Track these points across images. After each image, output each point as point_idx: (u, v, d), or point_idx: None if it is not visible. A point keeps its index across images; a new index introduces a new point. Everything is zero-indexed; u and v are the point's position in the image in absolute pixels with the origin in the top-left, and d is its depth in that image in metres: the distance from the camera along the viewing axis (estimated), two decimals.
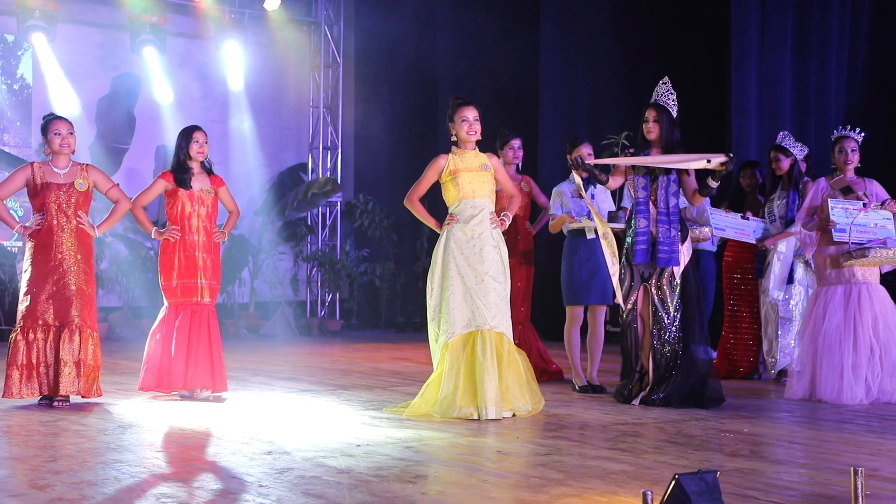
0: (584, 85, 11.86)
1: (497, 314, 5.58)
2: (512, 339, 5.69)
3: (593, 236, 6.74)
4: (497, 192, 6.42)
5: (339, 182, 13.71)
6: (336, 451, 4.44)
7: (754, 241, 7.46)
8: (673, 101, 6.17)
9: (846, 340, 6.20)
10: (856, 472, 3.46)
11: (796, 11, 10.64)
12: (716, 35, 10.89)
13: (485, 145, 5.96)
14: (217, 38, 12.93)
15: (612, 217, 6.69)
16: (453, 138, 5.77)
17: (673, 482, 3.24)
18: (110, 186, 6.27)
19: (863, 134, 6.53)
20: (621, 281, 6.10)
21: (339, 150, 14.09)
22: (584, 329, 6.95)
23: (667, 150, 6.11)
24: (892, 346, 6.20)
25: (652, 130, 6.16)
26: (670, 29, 11.63)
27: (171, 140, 12.23)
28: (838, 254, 6.25)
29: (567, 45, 11.83)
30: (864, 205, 6.24)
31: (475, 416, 5.40)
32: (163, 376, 6.23)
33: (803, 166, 7.69)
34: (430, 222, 5.90)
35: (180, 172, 6.40)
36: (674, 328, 6.01)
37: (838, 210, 6.19)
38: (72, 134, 6.12)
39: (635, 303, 6.08)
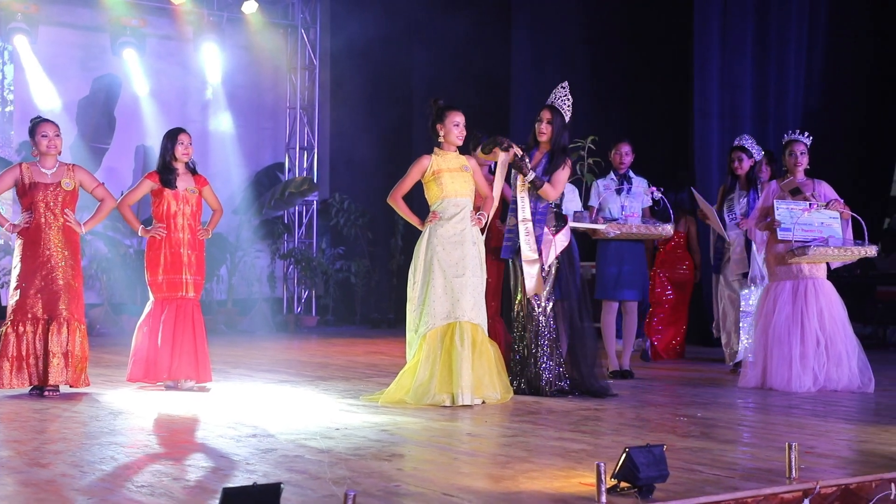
0: (553, 86, 12.19)
1: (474, 306, 5.94)
2: (486, 331, 6.05)
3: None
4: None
5: (315, 181, 14.00)
6: (316, 434, 4.77)
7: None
8: (568, 106, 6.34)
9: (794, 332, 6.60)
10: (790, 447, 3.84)
11: (756, 19, 11.04)
12: (679, 41, 11.27)
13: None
14: (196, 41, 13.19)
15: (577, 217, 7.04)
16: (440, 139, 6.10)
17: (624, 455, 3.60)
18: (96, 185, 6.56)
19: (811, 138, 6.92)
20: (509, 273, 6.43)
21: (316, 150, 14.38)
22: None
23: (553, 153, 6.31)
24: (836, 338, 6.61)
25: (544, 132, 6.34)
26: (636, 35, 12.01)
27: (150, 140, 12.55)
28: (785, 251, 6.65)
29: (538, 49, 12.19)
30: (810, 205, 6.65)
31: (447, 403, 5.75)
32: (149, 367, 6.53)
33: (767, 170, 8.07)
34: (412, 219, 6.20)
35: (166, 173, 6.69)
36: (543, 318, 6.20)
37: (783, 210, 6.61)
38: (58, 136, 6.40)
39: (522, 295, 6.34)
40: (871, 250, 6.69)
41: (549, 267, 6.26)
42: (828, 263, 6.81)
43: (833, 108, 11.59)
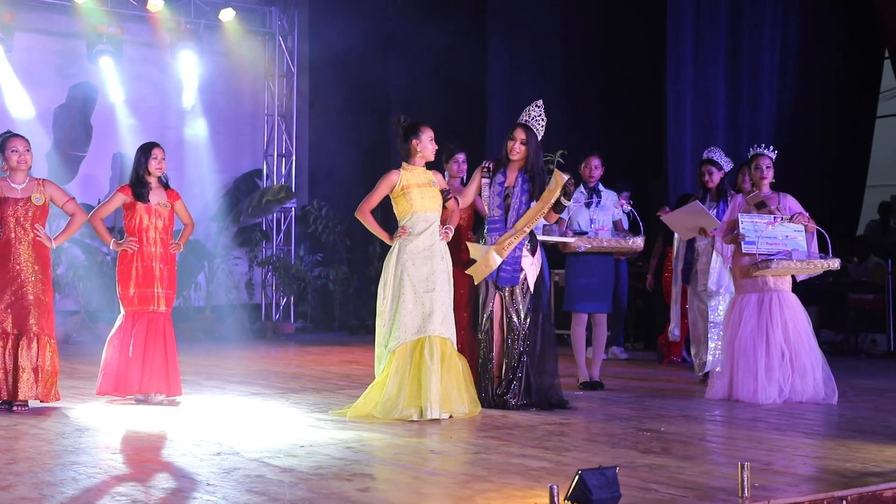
0: (530, 98, 12.23)
1: (444, 321, 5.98)
2: (455, 344, 6.10)
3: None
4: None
5: (293, 189, 14.02)
6: (280, 452, 4.81)
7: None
8: (542, 125, 6.33)
9: (759, 344, 6.69)
10: (742, 466, 3.90)
11: (729, 29, 11.15)
12: (653, 51, 11.37)
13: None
14: (173, 48, 13.18)
15: (545, 230, 7.08)
16: (417, 155, 6.12)
17: (576, 477, 3.66)
18: (66, 200, 6.57)
19: (776, 152, 7.00)
20: (479, 291, 6.37)
21: (294, 158, 14.40)
22: None
23: (531, 175, 6.31)
24: (801, 350, 6.70)
25: (518, 152, 6.32)
26: (611, 45, 12.11)
27: (127, 148, 12.53)
28: (750, 264, 6.73)
29: (514, 59, 12.26)
30: (774, 218, 6.73)
31: (415, 417, 5.78)
32: (119, 381, 6.55)
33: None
34: (380, 234, 6.20)
35: (139, 187, 6.71)
36: (524, 333, 6.24)
37: (747, 224, 6.69)
38: (28, 151, 6.41)
39: (492, 311, 6.30)
40: (835, 263, 6.77)
41: (528, 283, 6.29)
42: (793, 276, 6.89)
43: (806, 116, 11.72)
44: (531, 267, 6.35)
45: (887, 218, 13.48)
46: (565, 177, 6.16)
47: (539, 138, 6.33)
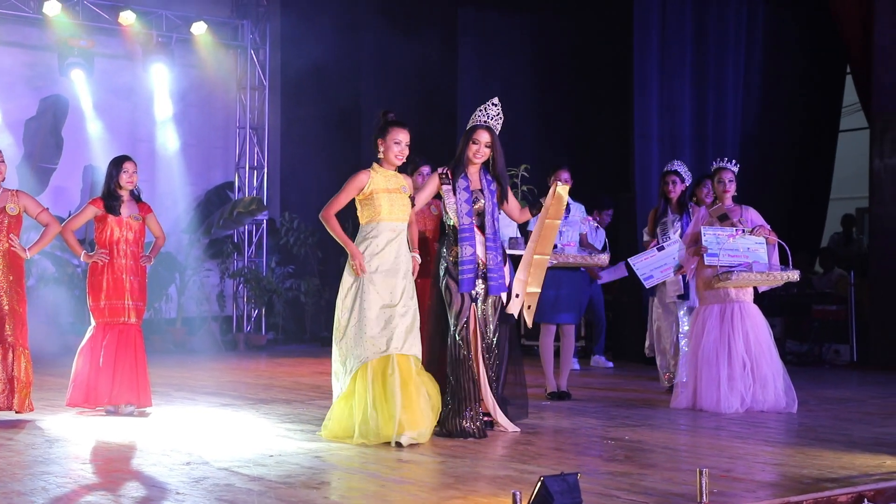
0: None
1: (408, 338, 5.58)
2: (421, 359, 5.69)
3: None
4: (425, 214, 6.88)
5: (264, 201, 14.05)
6: (250, 462, 4.87)
7: (675, 274, 7.60)
8: (500, 124, 5.92)
9: (722, 355, 6.83)
10: (700, 473, 4.01)
11: (694, 44, 11.34)
12: (619, 65, 11.54)
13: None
14: (145, 61, 13.18)
15: (511, 243, 7.20)
16: (379, 155, 5.70)
17: (539, 483, 3.75)
18: (40, 211, 6.61)
19: (738, 165, 7.15)
20: (450, 304, 5.87)
21: (266, 170, 14.44)
22: None
23: (494, 175, 5.95)
24: (762, 360, 6.84)
25: (483, 154, 5.88)
26: (579, 59, 12.29)
27: (98, 160, 12.54)
28: (712, 276, 6.87)
29: (484, 73, 12.39)
30: (736, 231, 6.88)
31: (394, 440, 5.37)
32: (90, 392, 6.58)
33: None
34: (345, 242, 5.72)
35: (110, 199, 6.75)
36: (495, 347, 5.92)
37: (710, 236, 6.84)
38: (3, 162, 6.45)
39: (466, 325, 5.84)
40: (794, 275, 6.93)
41: (502, 299, 5.97)
42: (755, 287, 7.03)
43: (770, 130, 11.94)
44: (509, 276, 6.08)
45: (850, 230, 13.72)
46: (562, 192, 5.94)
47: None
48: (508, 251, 7.13)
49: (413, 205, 5.79)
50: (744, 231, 6.88)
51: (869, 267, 10.96)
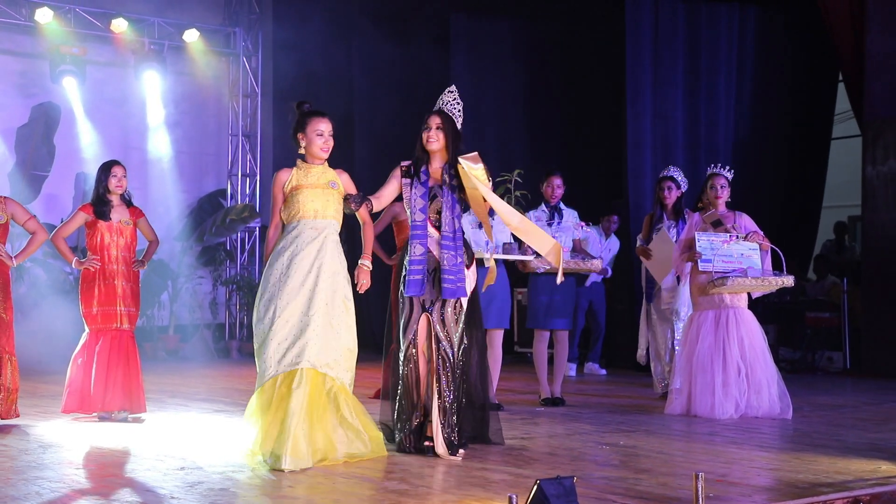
0: (491, 117, 12.45)
1: (322, 351, 4.98)
2: (338, 378, 5.06)
3: (491, 265, 7.23)
4: (401, 222, 6.81)
5: (257, 208, 14.04)
6: (244, 466, 4.85)
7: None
8: (459, 111, 5.51)
9: (716, 360, 6.83)
10: (696, 477, 4.00)
11: (687, 52, 11.38)
12: (612, 73, 11.57)
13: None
14: (137, 68, 13.19)
15: (505, 249, 7.19)
16: (301, 150, 5.24)
17: (535, 486, 3.74)
18: (28, 218, 6.58)
19: (732, 171, 7.17)
20: (400, 312, 5.38)
21: (258, 177, 14.43)
22: None
23: (450, 163, 5.38)
24: (756, 366, 6.85)
25: (434, 139, 5.38)
26: (571, 65, 12.31)
27: (90, 168, 12.50)
28: (707, 282, 6.88)
29: (476, 80, 12.40)
30: (730, 237, 6.89)
31: (266, 466, 4.80)
32: (84, 399, 6.56)
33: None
34: (266, 257, 5.21)
35: (100, 205, 6.74)
36: (457, 364, 5.31)
37: (704, 242, 6.85)
38: None
39: (415, 336, 5.31)
40: (789, 280, 6.94)
41: (461, 304, 5.34)
42: (749, 293, 7.04)
43: (763, 138, 11.97)
44: (467, 283, 5.35)
45: (843, 238, 13.76)
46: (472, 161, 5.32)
47: (458, 125, 5.46)
48: (501, 256, 7.15)
49: (356, 202, 5.17)
50: (737, 237, 6.89)
51: (862, 274, 10.99)
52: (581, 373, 10.50)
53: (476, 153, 5.35)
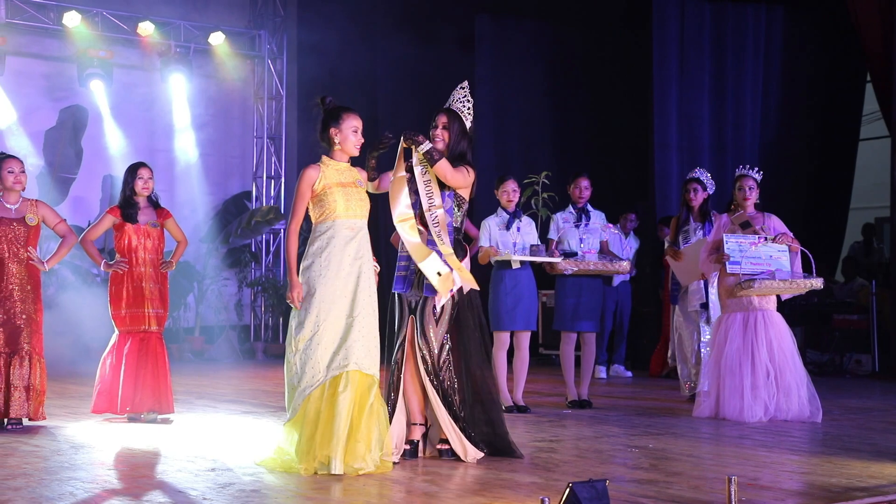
0: (516, 119, 12.44)
1: (367, 354, 4.89)
2: (376, 376, 4.96)
3: (518, 267, 7.23)
4: None
5: (281, 210, 14.09)
6: (274, 468, 4.85)
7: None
8: (469, 109, 5.41)
9: (745, 363, 6.79)
10: (729, 480, 3.98)
11: (713, 53, 11.33)
12: (638, 75, 11.53)
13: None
14: (163, 71, 13.27)
15: (532, 251, 7.18)
16: (336, 146, 5.04)
17: (567, 490, 3.73)
18: (58, 221, 6.63)
19: (761, 173, 7.12)
20: (392, 312, 5.30)
21: (283, 179, 14.49)
22: (510, 353, 7.41)
23: (451, 161, 5.25)
24: (786, 369, 6.80)
25: (440, 138, 5.31)
26: (597, 66, 12.27)
27: (117, 170, 12.60)
28: (734, 284, 6.83)
29: (500, 80, 12.40)
30: (758, 238, 6.84)
31: (321, 471, 4.74)
32: (113, 400, 6.61)
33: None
34: (291, 262, 5.00)
35: (127, 207, 6.78)
36: (441, 363, 5.15)
37: (732, 244, 6.80)
38: (23, 172, 6.49)
39: (405, 337, 5.21)
40: (818, 283, 6.88)
41: (444, 306, 5.17)
42: (778, 295, 6.99)
43: (790, 139, 11.90)
44: (455, 279, 5.16)
45: (871, 240, 13.65)
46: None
47: (468, 123, 5.35)
48: (528, 258, 7.14)
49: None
50: (766, 239, 6.84)
51: (891, 276, 10.89)
52: (608, 374, 10.47)
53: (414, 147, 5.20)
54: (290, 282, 4.94)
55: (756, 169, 7.10)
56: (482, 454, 5.13)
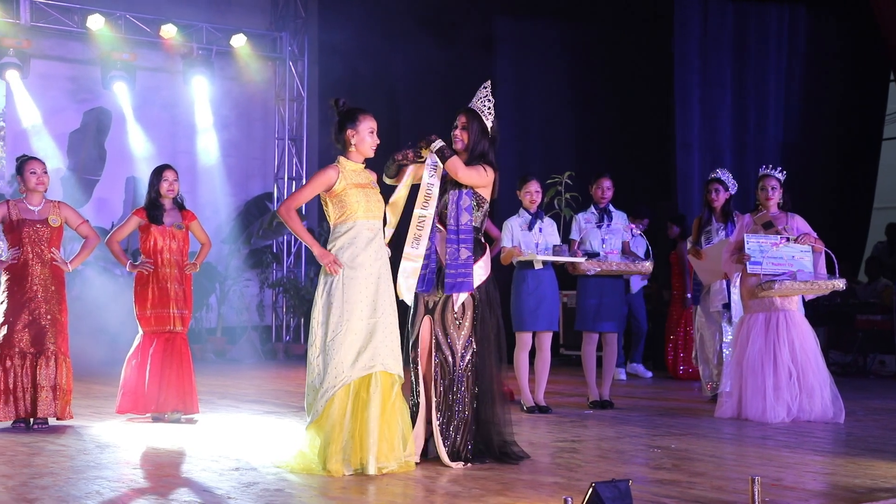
0: (537, 120, 12.44)
1: (392, 353, 4.91)
2: (402, 378, 4.99)
3: (540, 267, 7.23)
4: None
5: (303, 211, 14.14)
6: (297, 468, 4.88)
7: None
8: (489, 108, 5.33)
9: (767, 364, 6.76)
10: (753, 481, 3.97)
11: (735, 54, 11.30)
12: (660, 75, 11.51)
13: None
14: (185, 73, 13.37)
15: (555, 251, 7.18)
16: (352, 147, 5.06)
17: (590, 490, 3.74)
18: (80, 222, 6.69)
19: (784, 172, 7.09)
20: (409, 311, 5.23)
21: (304, 181, 14.53)
22: (532, 354, 7.41)
23: (470, 161, 5.22)
24: (808, 369, 6.77)
25: (459, 138, 5.29)
26: (617, 66, 12.26)
27: (140, 172, 12.71)
28: (756, 285, 6.81)
29: (521, 81, 12.40)
30: (780, 239, 6.81)
31: (349, 472, 4.75)
32: (138, 400, 6.67)
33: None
34: (307, 239, 5.13)
35: (153, 209, 6.84)
36: (462, 374, 5.08)
37: (753, 244, 6.77)
38: (46, 173, 6.56)
39: (417, 338, 5.15)
40: (840, 284, 6.84)
41: (462, 306, 5.13)
42: (802, 295, 6.96)
43: (812, 138, 11.85)
44: (472, 279, 5.14)
45: (894, 239, 13.55)
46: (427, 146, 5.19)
47: (488, 124, 5.28)
48: (551, 258, 7.14)
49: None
50: (788, 239, 6.81)
51: None
52: (626, 375, 10.44)
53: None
54: (319, 253, 4.93)
55: (779, 168, 7.07)
56: (459, 465, 4.99)
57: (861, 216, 12.68)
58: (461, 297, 5.10)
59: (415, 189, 5.30)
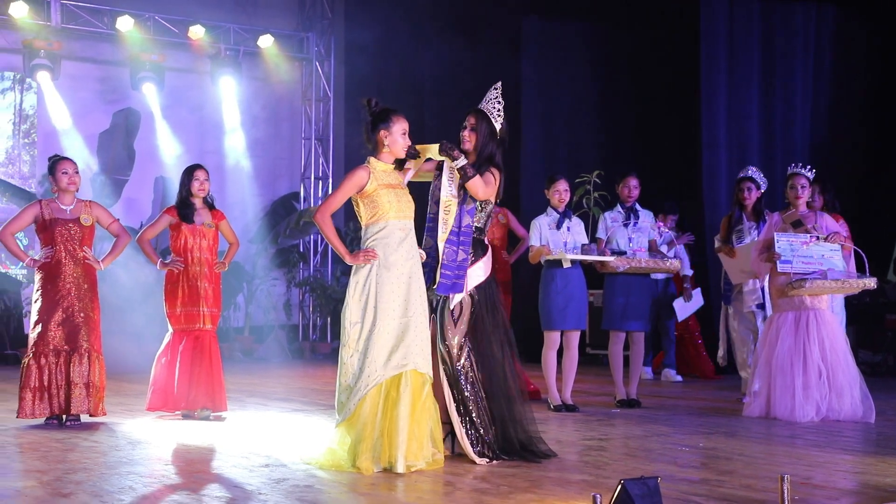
0: (563, 120, 12.44)
1: (422, 352, 4.92)
2: (431, 378, 5.00)
3: (569, 266, 7.23)
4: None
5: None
6: (326, 465, 4.91)
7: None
8: (499, 110, 5.32)
9: (796, 363, 6.73)
10: (782, 479, 3.97)
11: (762, 51, 11.24)
12: (686, 73, 11.47)
13: None
14: (213, 74, 13.48)
15: (584, 250, 7.18)
16: (385, 148, 5.05)
17: (619, 487, 3.75)
18: (111, 221, 6.77)
19: (813, 171, 7.06)
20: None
21: (330, 180, 14.62)
22: (560, 352, 7.41)
23: (478, 164, 5.22)
24: (838, 368, 6.74)
25: (468, 139, 5.30)
26: (644, 66, 12.23)
27: (169, 172, 12.82)
28: (786, 283, 6.78)
29: (547, 81, 12.41)
30: (810, 237, 6.78)
31: (377, 469, 4.78)
32: (168, 397, 6.74)
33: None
34: (338, 246, 5.11)
35: (183, 208, 6.91)
36: (460, 367, 5.09)
37: (783, 243, 6.75)
38: (77, 173, 6.63)
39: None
40: (871, 282, 6.81)
41: (460, 305, 5.13)
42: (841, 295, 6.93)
43: (840, 138, 11.77)
44: (471, 276, 5.16)
45: None
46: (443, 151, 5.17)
47: (498, 126, 5.29)
48: (579, 257, 7.14)
49: None
50: (818, 238, 6.79)
51: None
52: (657, 377, 10.40)
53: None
54: (353, 255, 4.93)
55: (808, 167, 7.04)
56: (483, 461, 5.02)
57: (890, 215, 12.57)
58: (457, 297, 5.11)
59: (418, 184, 5.34)
